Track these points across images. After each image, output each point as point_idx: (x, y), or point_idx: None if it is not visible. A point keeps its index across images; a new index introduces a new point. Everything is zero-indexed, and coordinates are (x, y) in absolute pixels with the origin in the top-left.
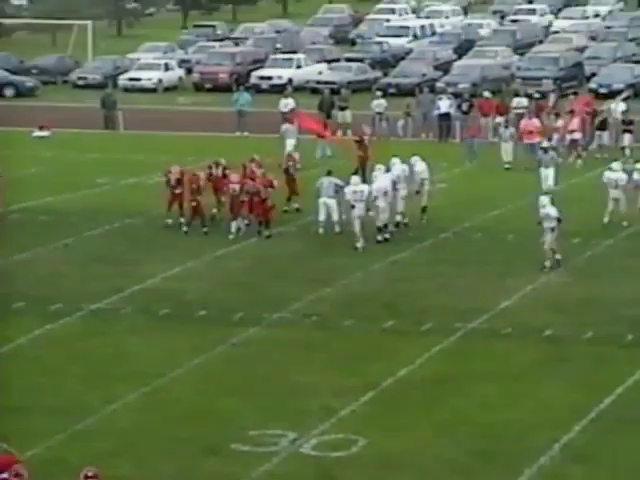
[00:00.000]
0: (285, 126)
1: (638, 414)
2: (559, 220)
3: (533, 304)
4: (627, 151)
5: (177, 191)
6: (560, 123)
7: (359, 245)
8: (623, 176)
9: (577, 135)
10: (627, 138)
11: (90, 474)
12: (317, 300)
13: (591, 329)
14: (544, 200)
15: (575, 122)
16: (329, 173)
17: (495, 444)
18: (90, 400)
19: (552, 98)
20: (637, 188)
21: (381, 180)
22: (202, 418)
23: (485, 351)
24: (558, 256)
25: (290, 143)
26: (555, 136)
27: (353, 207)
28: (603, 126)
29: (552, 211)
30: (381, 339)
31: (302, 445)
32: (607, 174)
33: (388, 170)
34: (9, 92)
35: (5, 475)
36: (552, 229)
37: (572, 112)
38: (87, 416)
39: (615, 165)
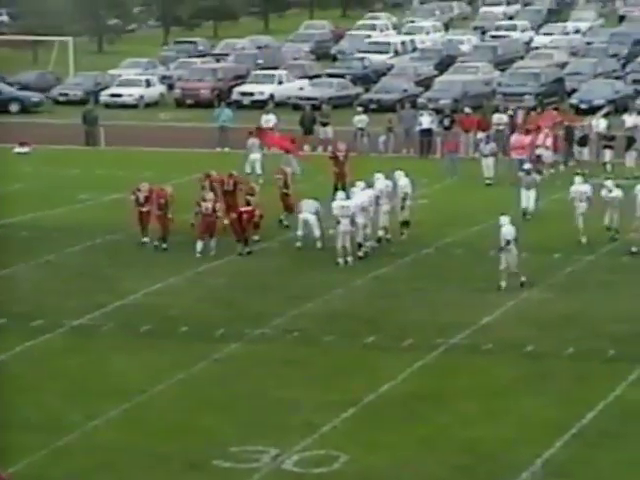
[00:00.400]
0: (250, 141)
1: (619, 429)
2: (515, 240)
3: (514, 320)
4: (608, 167)
5: (144, 209)
6: (528, 140)
7: (341, 260)
8: (589, 187)
9: (541, 150)
10: (608, 154)
11: None
12: (298, 316)
13: (572, 345)
14: (504, 220)
15: (541, 138)
16: (315, 199)
17: (477, 460)
18: (71, 416)
19: (520, 115)
20: (606, 204)
21: (358, 197)
22: (183, 434)
23: (466, 367)
24: (523, 278)
25: (255, 157)
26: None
27: (339, 222)
28: (583, 142)
29: (511, 230)
30: (363, 355)
31: (284, 461)
32: (574, 188)
33: (370, 186)
34: (14, 107)
35: None
36: (510, 249)
37: (539, 128)
38: (68, 433)
39: (578, 179)
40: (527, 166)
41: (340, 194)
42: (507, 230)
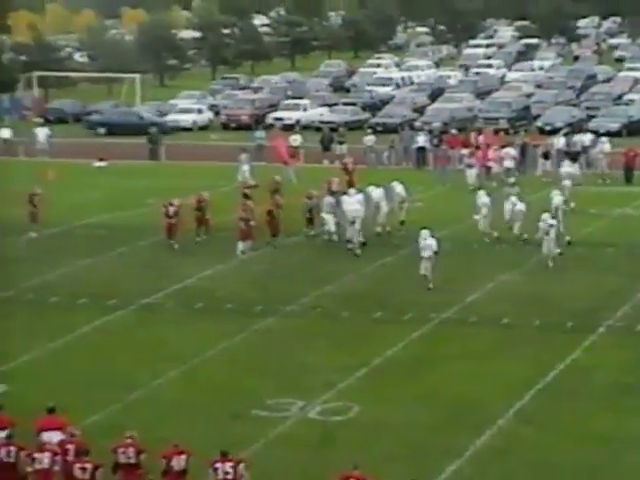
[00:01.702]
0: (242, 155)
1: (576, 385)
2: (436, 252)
3: (493, 298)
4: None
5: (173, 221)
6: (479, 154)
7: (359, 252)
8: (489, 199)
9: (491, 163)
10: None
11: (128, 435)
12: (321, 296)
13: (539, 318)
14: (425, 233)
15: (490, 153)
16: (332, 193)
17: (462, 410)
18: (140, 376)
19: (473, 135)
20: (513, 216)
21: (348, 203)
22: (229, 390)
23: (455, 336)
24: (431, 285)
25: (245, 169)
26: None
27: (353, 223)
28: (546, 156)
29: (432, 243)
30: (372, 327)
31: (309, 411)
32: (479, 200)
33: (360, 191)
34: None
35: (62, 435)
36: (429, 258)
37: (488, 146)
38: (138, 389)
39: (481, 192)
40: (512, 179)
41: (353, 200)
42: (432, 243)
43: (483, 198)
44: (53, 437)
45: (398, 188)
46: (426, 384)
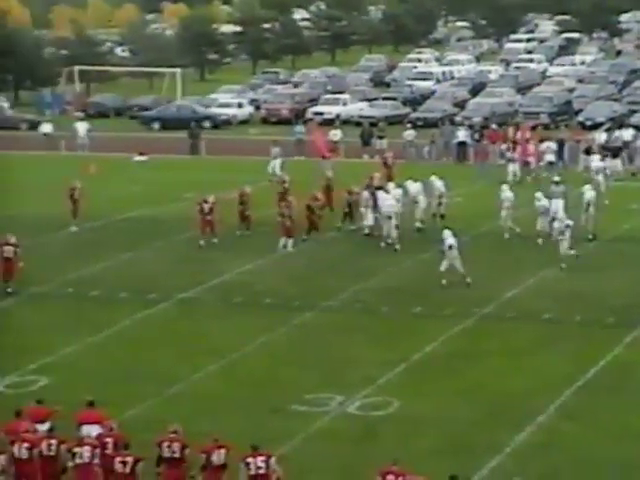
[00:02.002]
0: (275, 149)
1: (616, 381)
2: (450, 247)
3: (533, 294)
4: (607, 171)
5: (208, 217)
6: (518, 150)
7: (398, 247)
8: (512, 194)
9: (530, 158)
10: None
11: (172, 430)
12: (360, 290)
13: (579, 314)
14: (447, 233)
15: (529, 148)
16: (369, 187)
17: (503, 406)
18: (180, 370)
19: (511, 131)
20: (538, 212)
21: (384, 198)
22: (268, 384)
23: (495, 331)
24: (444, 281)
25: (276, 162)
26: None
27: (390, 218)
28: (588, 151)
29: (450, 241)
30: (411, 321)
31: (348, 406)
32: (503, 195)
33: (400, 186)
34: (207, 124)
35: (100, 429)
36: (448, 256)
37: (527, 141)
38: (177, 383)
39: (504, 186)
40: (557, 178)
41: (389, 195)
42: (450, 240)
43: (506, 192)
44: (92, 430)
45: (437, 183)
46: (466, 379)
